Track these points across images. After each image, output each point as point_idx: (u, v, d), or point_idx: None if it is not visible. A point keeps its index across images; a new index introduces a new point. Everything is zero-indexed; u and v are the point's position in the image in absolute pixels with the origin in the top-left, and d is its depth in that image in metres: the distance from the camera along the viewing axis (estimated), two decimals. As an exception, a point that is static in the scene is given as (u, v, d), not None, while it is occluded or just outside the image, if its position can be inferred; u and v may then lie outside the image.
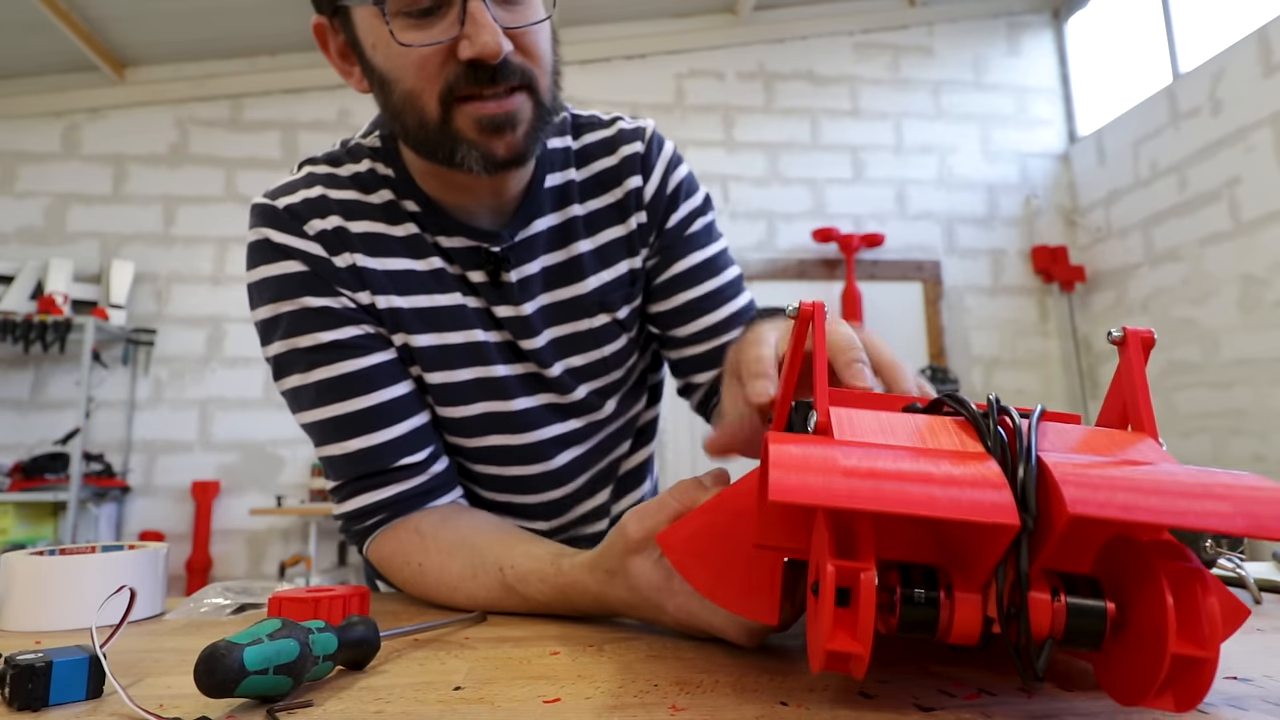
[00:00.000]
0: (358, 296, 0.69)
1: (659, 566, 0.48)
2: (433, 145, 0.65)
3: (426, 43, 0.60)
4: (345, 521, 0.70)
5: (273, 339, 0.69)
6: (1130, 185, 3.92)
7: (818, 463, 0.31)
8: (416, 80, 0.62)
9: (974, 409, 0.37)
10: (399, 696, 0.37)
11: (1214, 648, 0.30)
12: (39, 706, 0.35)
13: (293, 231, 0.68)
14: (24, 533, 3.31)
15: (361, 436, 0.68)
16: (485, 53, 0.59)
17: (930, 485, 0.30)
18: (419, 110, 0.63)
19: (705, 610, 0.45)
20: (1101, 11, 4.29)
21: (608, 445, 0.83)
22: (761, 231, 4.07)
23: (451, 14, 0.60)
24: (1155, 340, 0.40)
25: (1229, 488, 0.30)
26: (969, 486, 0.31)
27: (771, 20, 4.20)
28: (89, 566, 0.57)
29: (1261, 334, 3.24)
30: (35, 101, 3.71)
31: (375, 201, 0.71)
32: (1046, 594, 0.32)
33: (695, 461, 3.85)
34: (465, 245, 0.72)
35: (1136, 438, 0.38)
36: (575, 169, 0.77)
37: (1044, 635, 0.32)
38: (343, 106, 3.89)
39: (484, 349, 0.73)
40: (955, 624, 0.33)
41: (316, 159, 0.74)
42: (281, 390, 0.71)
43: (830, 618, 0.31)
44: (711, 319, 0.77)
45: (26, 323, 3.28)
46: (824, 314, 0.42)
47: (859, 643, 0.31)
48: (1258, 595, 0.57)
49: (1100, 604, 0.32)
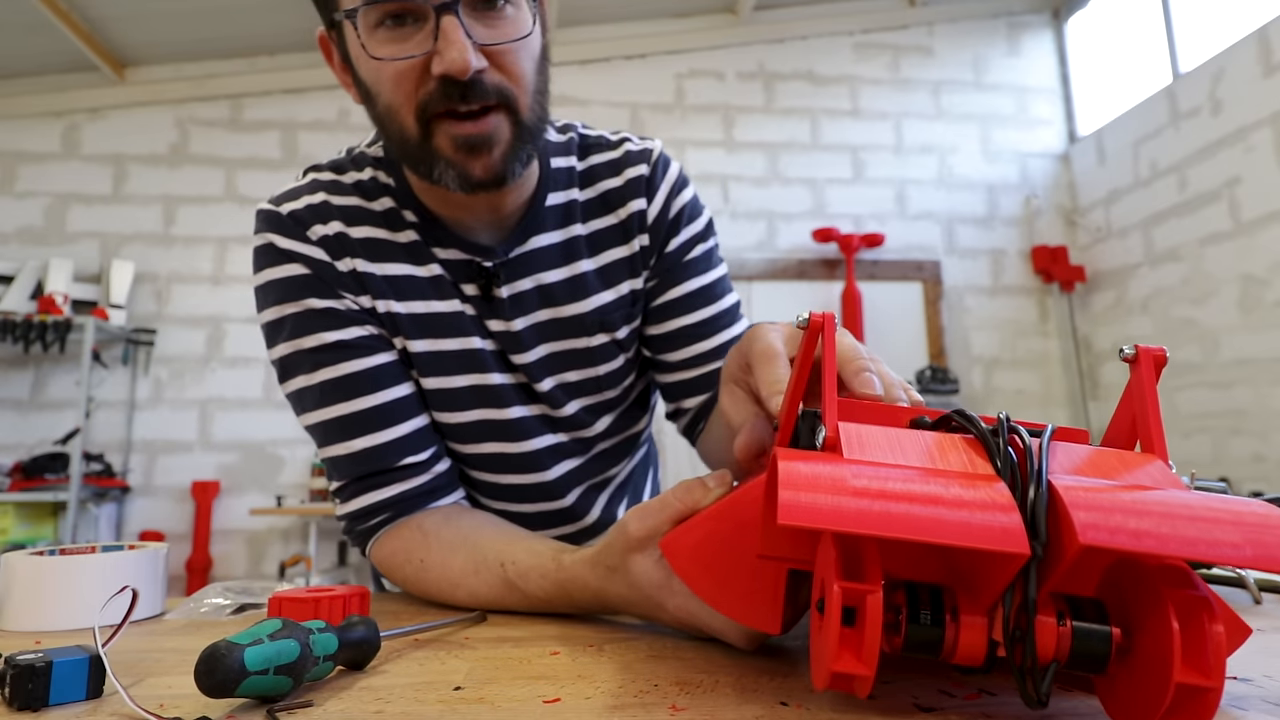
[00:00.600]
0: (360, 300, 0.70)
1: (659, 565, 0.48)
2: (414, 160, 0.65)
3: (398, 56, 0.60)
4: (349, 522, 0.70)
5: (278, 341, 0.70)
6: (1130, 185, 3.92)
7: (827, 483, 0.31)
8: (394, 94, 0.62)
9: (983, 426, 0.37)
10: (399, 696, 0.37)
11: (1219, 677, 0.29)
12: (39, 706, 0.35)
13: (296, 236, 0.69)
14: (24, 533, 3.31)
15: (366, 436, 0.68)
16: (453, 69, 0.59)
17: (940, 509, 0.30)
18: (399, 125, 0.63)
19: (705, 611, 0.45)
20: (1101, 11, 4.29)
21: (605, 461, 0.84)
22: (761, 231, 4.07)
23: (427, 28, 0.60)
24: (1167, 359, 0.40)
25: (1238, 515, 0.30)
26: (979, 510, 0.30)
27: (771, 20, 4.20)
28: (89, 566, 0.57)
29: (1261, 334, 3.24)
30: (35, 101, 3.71)
31: (377, 208, 0.72)
32: (1052, 618, 0.32)
33: (695, 462, 3.85)
34: (459, 258, 0.72)
35: (1145, 459, 0.37)
36: (579, 189, 0.77)
37: (1049, 659, 0.32)
38: (343, 106, 3.89)
39: (480, 356, 0.73)
40: (960, 646, 0.33)
41: (321, 166, 0.75)
42: (286, 392, 0.71)
43: (836, 639, 0.31)
44: (704, 346, 0.77)
45: (26, 323, 3.28)
46: (834, 325, 0.42)
47: (864, 664, 0.31)
48: (1258, 595, 0.58)
49: (1106, 629, 0.32)
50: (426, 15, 0.59)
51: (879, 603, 0.31)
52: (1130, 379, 0.40)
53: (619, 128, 1.05)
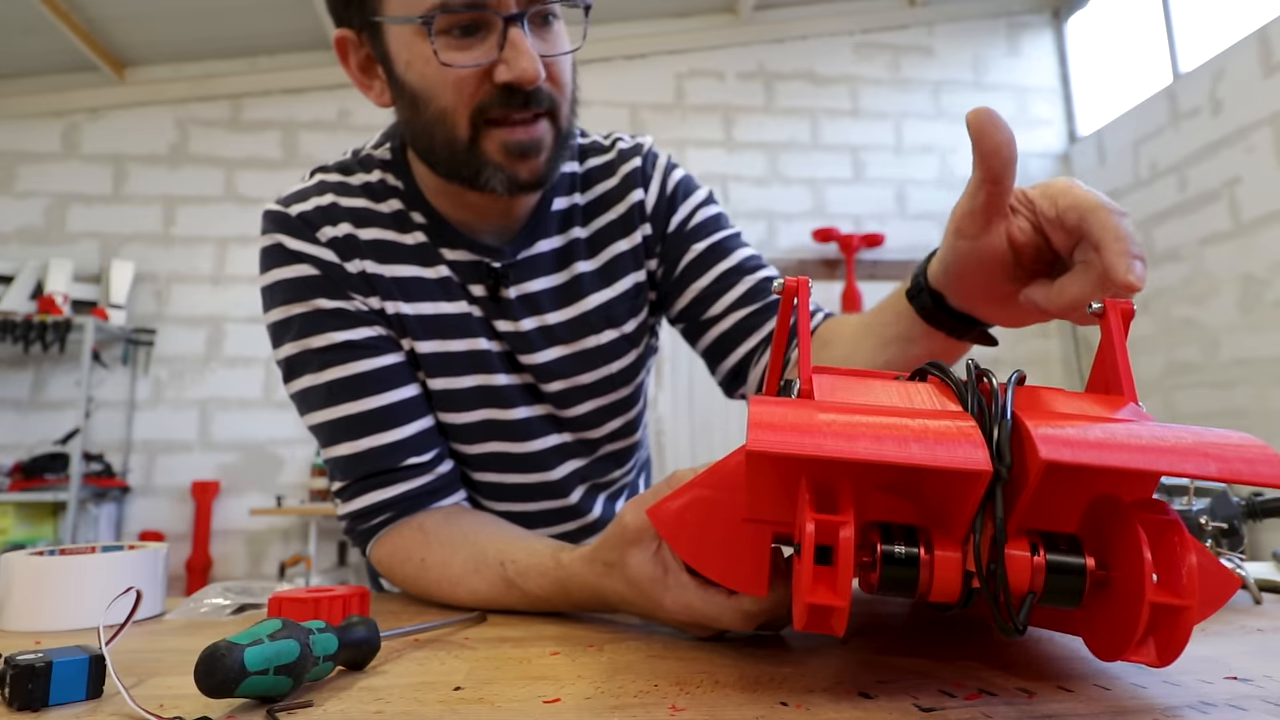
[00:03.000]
0: (368, 301, 0.71)
1: (656, 560, 0.47)
2: (458, 165, 0.67)
3: (468, 64, 0.62)
4: (350, 521, 0.70)
5: (285, 340, 0.70)
6: (1130, 185, 3.92)
7: (795, 419, 0.32)
8: (452, 99, 0.64)
9: (953, 374, 0.39)
10: (399, 697, 0.37)
11: (1191, 596, 0.30)
12: (39, 706, 0.35)
13: (305, 238, 0.70)
14: (24, 533, 3.31)
15: (371, 436, 0.68)
16: (524, 78, 0.62)
17: (905, 437, 0.31)
18: (449, 129, 0.65)
19: (702, 601, 0.45)
20: (1101, 11, 4.29)
21: (611, 462, 0.84)
22: (761, 231, 4.07)
23: (492, 38, 0.62)
24: (1134, 312, 0.40)
25: (1199, 436, 0.31)
26: (944, 437, 0.32)
27: (771, 20, 4.20)
28: (89, 566, 0.57)
29: (1261, 334, 3.24)
30: (35, 101, 3.71)
31: (384, 210, 0.73)
32: (1026, 550, 0.33)
33: (695, 460, 3.85)
34: (468, 259, 0.74)
35: (1118, 400, 0.38)
36: (580, 193, 0.79)
37: (1024, 591, 0.33)
38: (342, 107, 3.89)
39: (486, 357, 0.74)
40: (935, 581, 0.33)
41: (328, 167, 0.75)
42: (292, 393, 0.71)
43: (810, 573, 0.32)
44: (737, 291, 0.76)
45: (26, 323, 3.28)
46: (808, 290, 0.43)
47: (838, 596, 0.31)
48: (1258, 595, 0.57)
49: (1079, 560, 0.33)
50: (493, 26, 0.62)
51: (850, 533, 0.31)
52: (1101, 335, 0.41)
53: (619, 128, 1.05)
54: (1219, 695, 0.35)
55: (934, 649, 0.44)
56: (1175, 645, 0.31)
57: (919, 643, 0.46)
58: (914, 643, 0.46)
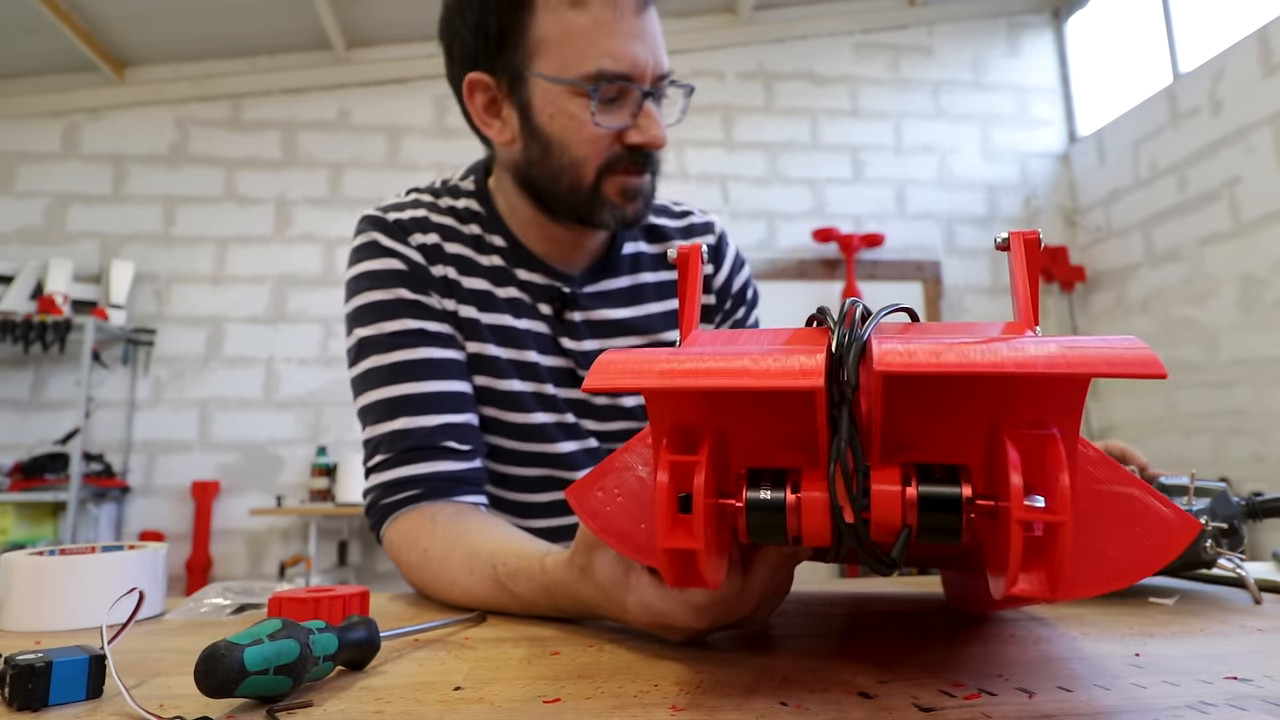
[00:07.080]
0: (445, 302, 0.79)
1: (618, 561, 0.46)
2: (575, 203, 0.78)
3: (615, 126, 0.75)
4: (378, 493, 0.74)
5: (362, 324, 0.77)
6: (1130, 185, 3.92)
7: (639, 361, 0.33)
8: (588, 152, 0.76)
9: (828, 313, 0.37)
10: (399, 697, 0.37)
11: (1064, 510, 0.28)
12: (39, 706, 0.35)
13: (398, 239, 0.79)
14: (24, 533, 3.31)
15: (423, 415, 0.74)
16: (654, 144, 0.76)
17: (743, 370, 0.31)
18: (578, 175, 0.76)
19: (659, 599, 0.43)
20: (1101, 11, 4.28)
21: None
22: (761, 231, 4.07)
23: (628, 106, 0.75)
24: (1040, 239, 0.39)
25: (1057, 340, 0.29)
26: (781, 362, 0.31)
27: (771, 20, 4.20)
28: (89, 566, 0.57)
29: (1261, 334, 3.24)
30: (35, 101, 3.71)
31: (466, 232, 0.83)
32: (896, 483, 0.31)
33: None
34: (541, 281, 0.83)
35: (1017, 328, 0.37)
36: (646, 243, 0.90)
37: (895, 525, 0.31)
38: (342, 107, 3.88)
39: (542, 370, 0.82)
40: (805, 522, 0.33)
41: (420, 189, 0.86)
42: (355, 374, 0.77)
43: (668, 517, 0.31)
44: None
45: (26, 323, 3.28)
46: (699, 258, 0.44)
47: (694, 538, 0.31)
48: (1258, 595, 0.58)
49: (954, 490, 0.31)
50: (630, 97, 0.75)
51: (703, 477, 0.31)
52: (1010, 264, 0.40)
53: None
54: (1219, 695, 0.35)
55: (934, 649, 0.44)
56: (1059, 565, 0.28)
57: (919, 643, 0.46)
58: (914, 643, 0.46)
